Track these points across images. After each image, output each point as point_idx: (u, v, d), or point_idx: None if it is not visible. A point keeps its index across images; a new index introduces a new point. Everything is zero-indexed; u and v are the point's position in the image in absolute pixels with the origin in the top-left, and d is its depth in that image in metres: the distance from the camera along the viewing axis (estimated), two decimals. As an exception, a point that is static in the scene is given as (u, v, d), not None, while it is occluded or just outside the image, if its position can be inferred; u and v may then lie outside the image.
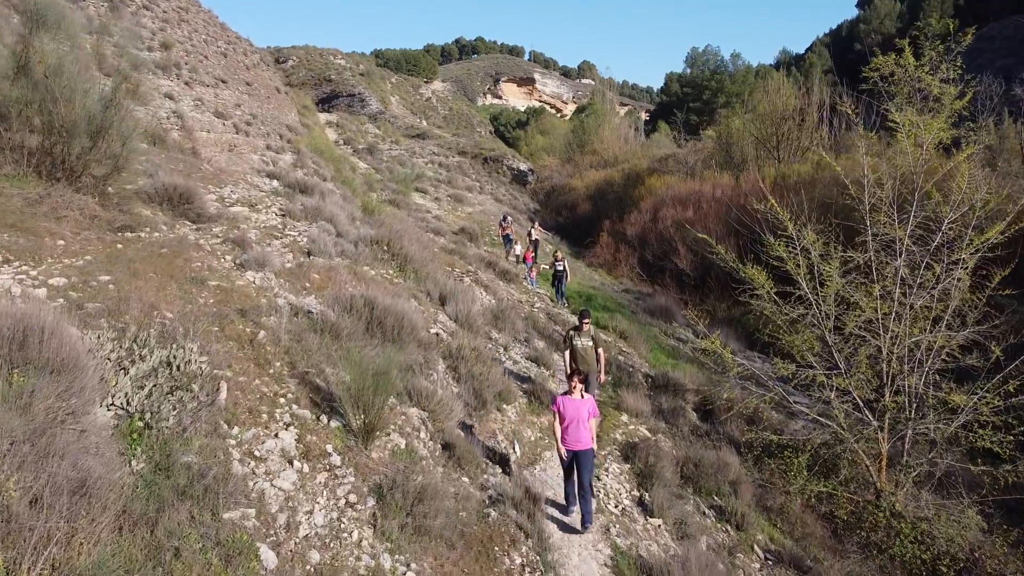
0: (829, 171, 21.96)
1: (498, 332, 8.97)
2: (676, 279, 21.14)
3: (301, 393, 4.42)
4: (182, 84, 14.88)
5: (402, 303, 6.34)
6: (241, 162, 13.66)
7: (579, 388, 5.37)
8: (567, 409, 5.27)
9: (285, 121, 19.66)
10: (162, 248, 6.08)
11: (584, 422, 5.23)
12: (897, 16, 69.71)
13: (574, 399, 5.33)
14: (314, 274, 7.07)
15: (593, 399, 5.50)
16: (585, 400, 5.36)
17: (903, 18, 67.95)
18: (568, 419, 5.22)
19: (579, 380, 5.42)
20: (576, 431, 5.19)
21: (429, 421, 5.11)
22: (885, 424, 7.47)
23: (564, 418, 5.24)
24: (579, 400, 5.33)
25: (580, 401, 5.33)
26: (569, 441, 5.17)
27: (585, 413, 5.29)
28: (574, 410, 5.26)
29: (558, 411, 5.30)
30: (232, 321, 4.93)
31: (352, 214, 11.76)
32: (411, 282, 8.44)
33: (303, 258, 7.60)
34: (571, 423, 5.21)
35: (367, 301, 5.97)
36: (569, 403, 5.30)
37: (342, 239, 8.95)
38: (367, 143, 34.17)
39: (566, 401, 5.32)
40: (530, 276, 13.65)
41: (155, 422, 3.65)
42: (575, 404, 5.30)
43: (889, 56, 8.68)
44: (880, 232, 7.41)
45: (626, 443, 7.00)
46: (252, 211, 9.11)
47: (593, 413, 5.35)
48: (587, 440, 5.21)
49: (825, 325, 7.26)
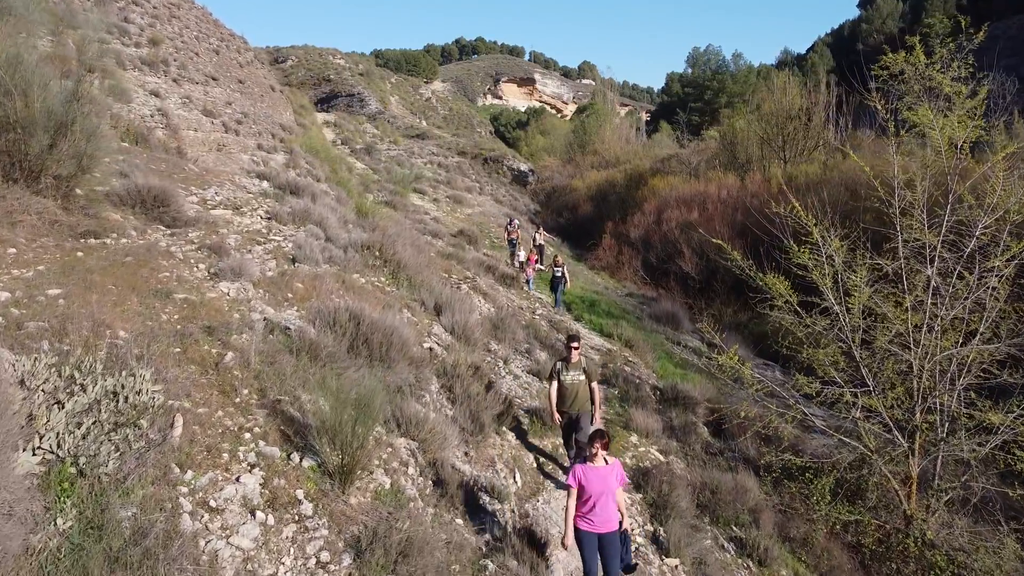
0: (838, 172, 21.49)
1: (497, 343, 8.41)
2: (681, 282, 20.59)
3: (271, 426, 3.85)
4: (170, 81, 14.33)
5: (392, 316, 5.77)
6: (230, 162, 13.11)
7: (602, 453, 4.13)
8: (591, 482, 4.03)
9: (279, 120, 19.11)
10: (127, 256, 5.52)
11: (612, 495, 4.08)
12: (900, 16, 69.35)
13: (597, 468, 4.09)
14: (298, 283, 6.51)
15: (619, 463, 4.26)
16: (611, 466, 4.15)
17: (905, 18, 67.56)
18: (593, 495, 4.02)
19: (601, 445, 4.12)
20: (604, 510, 4.03)
21: (419, 452, 4.55)
22: (916, 445, 6.91)
23: (586, 494, 4.04)
24: (604, 468, 4.10)
25: (605, 469, 4.10)
26: (596, 523, 4.02)
27: (614, 483, 4.08)
28: (600, 483, 4.04)
29: (578, 486, 4.06)
30: (197, 341, 4.37)
31: (344, 217, 11.20)
32: (404, 290, 7.88)
33: (287, 266, 7.04)
34: (596, 500, 4.01)
35: (352, 315, 5.41)
36: (592, 474, 4.05)
37: (331, 244, 8.39)
38: (365, 143, 33.63)
39: (588, 472, 4.07)
40: (528, 278, 13.02)
41: (90, 468, 3.09)
42: (600, 475, 4.06)
43: (899, 54, 8.29)
44: (911, 238, 6.84)
45: (637, 468, 6.43)
46: (236, 214, 8.55)
47: (622, 480, 4.19)
48: (615, 518, 4.08)
49: (852, 339, 6.70)
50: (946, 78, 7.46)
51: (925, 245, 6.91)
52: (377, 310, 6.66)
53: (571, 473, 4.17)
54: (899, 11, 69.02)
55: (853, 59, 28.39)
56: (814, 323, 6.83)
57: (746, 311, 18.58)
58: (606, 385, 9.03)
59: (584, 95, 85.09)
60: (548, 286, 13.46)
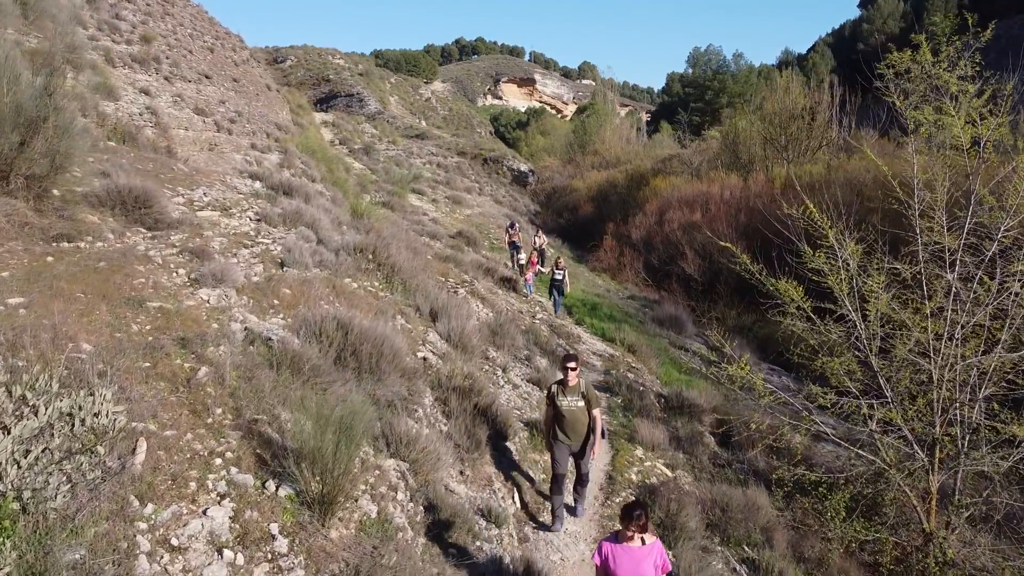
0: (843, 172, 21.16)
1: (496, 350, 8.07)
2: (683, 284, 20.26)
3: (245, 450, 3.51)
4: (161, 79, 13.99)
5: (383, 325, 5.43)
6: (222, 162, 12.78)
7: (639, 534, 3.28)
8: (620, 566, 3.25)
9: (275, 119, 18.78)
10: (100, 262, 5.18)
11: None
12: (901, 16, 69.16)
13: (632, 549, 3.27)
14: (285, 289, 6.17)
15: (660, 544, 3.44)
16: (650, 548, 3.32)
17: (907, 18, 67.31)
18: None
19: (638, 526, 3.23)
20: None
21: (410, 474, 4.21)
22: (935, 458, 6.56)
23: None
24: (640, 550, 3.28)
25: (641, 551, 3.28)
26: None
27: (650, 571, 3.26)
28: (632, 568, 3.23)
29: (603, 566, 3.30)
30: (168, 354, 4.03)
31: (338, 218, 10.87)
32: (399, 295, 7.54)
33: (275, 270, 6.70)
34: None
35: (340, 323, 5.07)
36: (624, 556, 3.25)
37: (323, 247, 8.05)
38: (363, 143, 33.30)
39: (618, 553, 3.27)
40: (526, 281, 12.56)
41: (35, 503, 2.75)
42: (634, 558, 3.25)
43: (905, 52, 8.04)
44: (931, 241, 6.49)
45: (643, 485, 6.09)
46: (224, 216, 8.21)
47: (664, 568, 3.37)
48: None
49: (870, 347, 6.35)
50: (953, 77, 7.17)
51: (944, 249, 6.57)
52: (368, 317, 6.32)
53: (598, 549, 3.37)
54: (900, 11, 68.81)
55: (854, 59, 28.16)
56: (829, 331, 6.48)
57: (750, 314, 18.26)
58: (609, 394, 8.70)
59: (584, 95, 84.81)
60: (547, 290, 13.03)
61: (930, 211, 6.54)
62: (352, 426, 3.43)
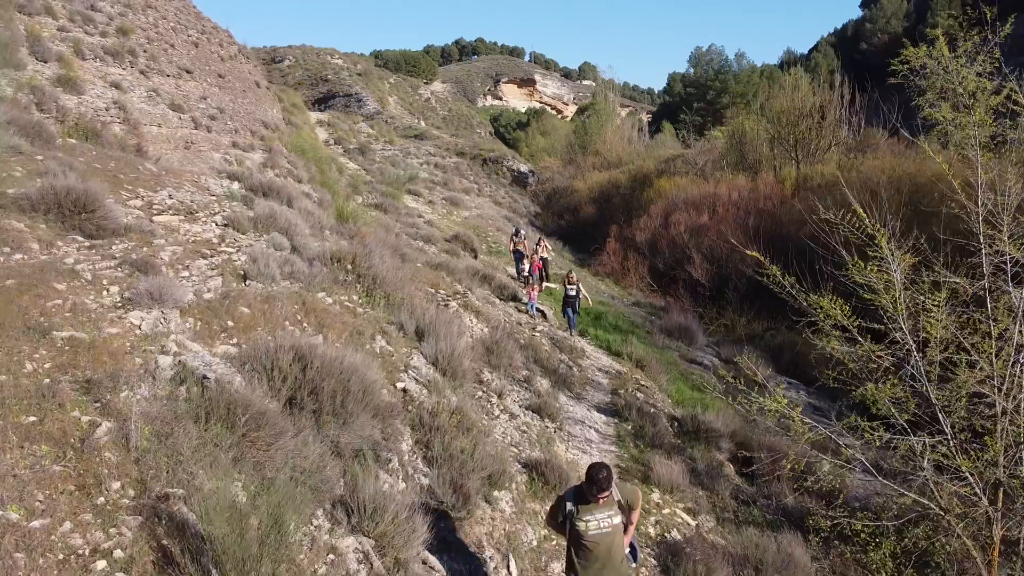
0: (857, 172, 20.24)
1: (491, 371, 7.18)
2: (690, 290, 19.37)
3: (143, 545, 2.60)
4: (136, 73, 13.11)
5: (353, 354, 4.53)
6: (198, 161, 11.89)
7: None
8: None
9: (262, 117, 17.90)
10: (8, 279, 4.28)
11: None
12: (904, 15, 68.49)
13: None
14: (242, 308, 5.27)
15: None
16: None
17: (910, 17, 66.65)
18: None
19: None
20: None
21: (376, 554, 3.30)
22: (999, 504, 5.66)
23: None
24: None
25: None
26: None
27: None
28: None
29: None
30: (62, 404, 3.13)
31: (321, 222, 9.98)
32: (381, 311, 6.64)
33: (235, 284, 5.80)
34: None
35: (299, 354, 4.17)
36: None
37: (297, 256, 7.16)
38: (359, 143, 32.43)
39: None
40: (531, 298, 11.31)
41: None
42: None
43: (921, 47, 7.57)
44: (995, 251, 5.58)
45: (663, 540, 5.18)
46: (186, 221, 7.31)
47: None
48: None
49: (928, 376, 5.45)
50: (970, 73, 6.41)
51: (1008, 260, 5.67)
52: (342, 339, 5.43)
53: None
54: (903, 10, 68.11)
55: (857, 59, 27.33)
56: (879, 357, 5.58)
57: (760, 321, 17.36)
58: (618, 419, 7.80)
59: (584, 96, 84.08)
60: (559, 308, 11.63)
61: (992, 217, 5.64)
62: (287, 504, 2.53)
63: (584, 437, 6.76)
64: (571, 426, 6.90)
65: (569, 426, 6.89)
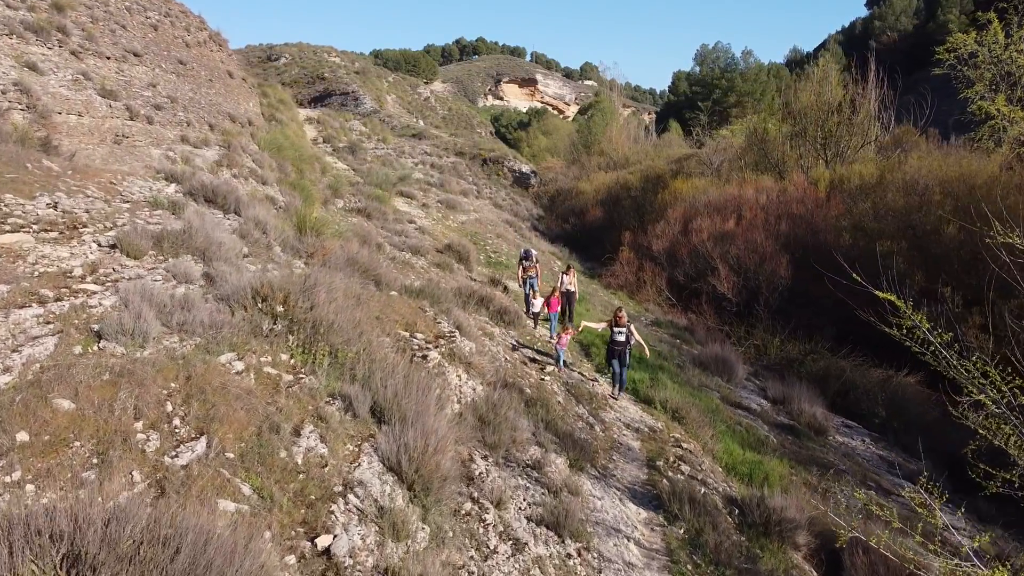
0: (900, 173, 18.02)
1: (486, 456, 5.01)
2: (715, 305, 17.20)
3: None
4: (66, 54, 10.96)
5: (207, 521, 2.35)
6: (129, 158, 9.72)
7: None
8: None
9: (230, 110, 15.74)
10: None
11: None
12: (913, 12, 66.73)
13: None
14: (62, 402, 3.11)
15: None
16: None
17: (919, 14, 64.84)
18: None
19: None
20: None
21: None
22: None
23: None
24: None
25: None
26: None
27: None
28: None
29: None
30: None
31: (271, 237, 7.81)
32: (322, 377, 4.46)
33: (79, 349, 3.64)
34: None
35: (74, 541, 2.00)
36: None
37: (212, 290, 5.01)
38: (349, 141, 30.28)
39: None
40: (559, 346, 8.49)
41: None
42: None
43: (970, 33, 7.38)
44: None
45: None
46: (56, 240, 5.16)
47: None
48: None
49: None
50: None
51: None
52: (240, 442, 3.27)
53: None
54: (912, 7, 66.22)
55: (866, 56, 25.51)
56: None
57: (795, 342, 15.16)
58: (663, 514, 5.61)
59: (586, 96, 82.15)
60: (604, 359, 9.14)
61: None
62: None
63: (623, 561, 4.57)
64: (602, 542, 4.71)
65: (599, 542, 4.70)
